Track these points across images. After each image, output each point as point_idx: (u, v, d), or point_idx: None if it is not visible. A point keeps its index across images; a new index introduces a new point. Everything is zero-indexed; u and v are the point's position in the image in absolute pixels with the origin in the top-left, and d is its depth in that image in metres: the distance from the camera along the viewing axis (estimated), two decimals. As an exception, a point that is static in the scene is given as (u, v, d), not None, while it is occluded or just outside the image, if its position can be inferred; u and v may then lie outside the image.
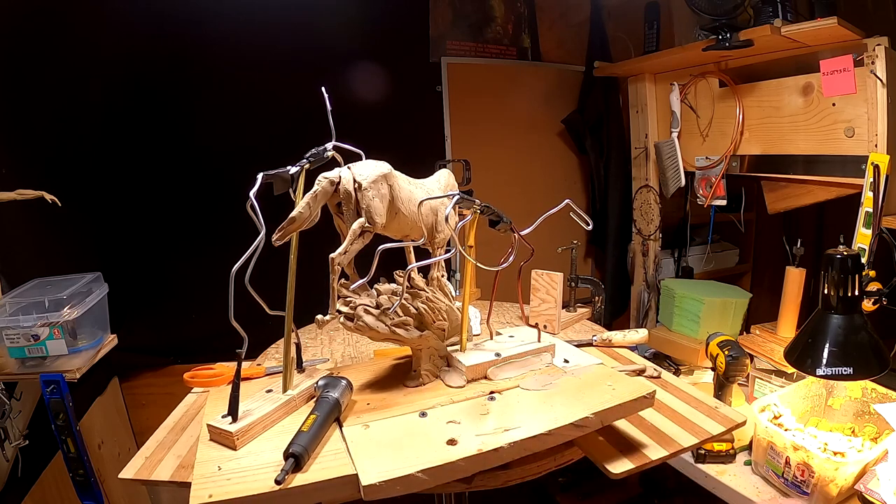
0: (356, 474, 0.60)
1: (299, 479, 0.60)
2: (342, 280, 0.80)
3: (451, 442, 0.65)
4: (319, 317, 0.74)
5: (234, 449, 0.66)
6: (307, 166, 0.76)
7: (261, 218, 0.66)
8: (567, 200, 0.83)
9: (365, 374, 0.87)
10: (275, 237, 0.68)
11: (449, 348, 0.86)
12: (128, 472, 0.76)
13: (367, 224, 0.74)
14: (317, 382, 0.76)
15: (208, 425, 0.68)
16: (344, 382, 0.75)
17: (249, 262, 0.65)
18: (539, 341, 0.89)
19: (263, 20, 1.67)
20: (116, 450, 1.65)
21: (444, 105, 1.97)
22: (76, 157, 1.56)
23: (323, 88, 0.80)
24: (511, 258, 0.80)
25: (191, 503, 0.57)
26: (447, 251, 0.89)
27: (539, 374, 0.84)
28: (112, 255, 1.61)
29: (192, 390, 0.99)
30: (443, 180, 0.92)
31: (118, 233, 1.65)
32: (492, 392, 0.78)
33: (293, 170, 0.74)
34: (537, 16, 2.07)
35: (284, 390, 0.76)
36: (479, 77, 2.02)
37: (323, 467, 0.62)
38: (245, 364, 1.06)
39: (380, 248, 0.70)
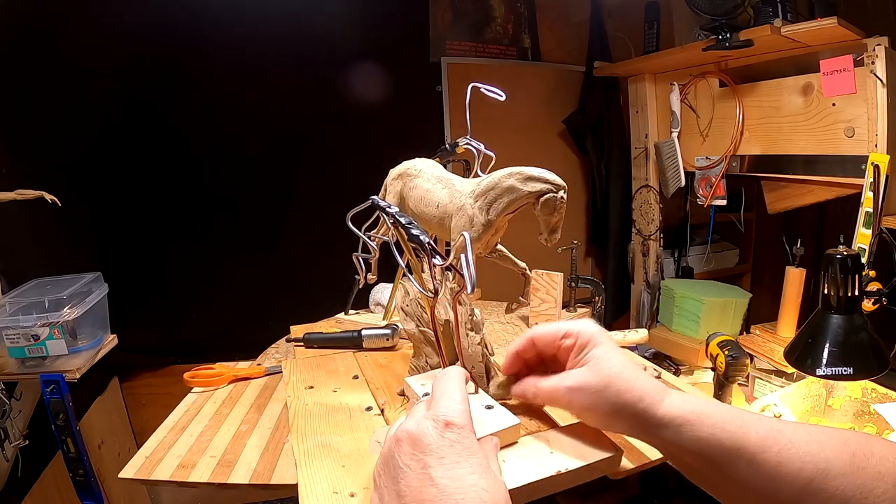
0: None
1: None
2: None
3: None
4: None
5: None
6: (436, 160, 0.83)
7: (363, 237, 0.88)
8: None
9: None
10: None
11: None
12: (128, 472, 0.76)
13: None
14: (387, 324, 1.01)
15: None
16: (385, 332, 0.95)
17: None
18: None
19: (263, 21, 1.66)
20: (116, 450, 1.65)
21: (444, 105, 1.97)
22: (76, 158, 1.56)
23: (472, 86, 0.93)
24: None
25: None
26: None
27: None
28: (112, 255, 1.61)
29: (192, 390, 0.99)
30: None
31: (118, 233, 1.64)
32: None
33: None
34: (537, 16, 2.07)
35: (384, 318, 1.12)
36: (479, 77, 1.99)
37: (303, 353, 0.97)
38: (244, 364, 1.08)
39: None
